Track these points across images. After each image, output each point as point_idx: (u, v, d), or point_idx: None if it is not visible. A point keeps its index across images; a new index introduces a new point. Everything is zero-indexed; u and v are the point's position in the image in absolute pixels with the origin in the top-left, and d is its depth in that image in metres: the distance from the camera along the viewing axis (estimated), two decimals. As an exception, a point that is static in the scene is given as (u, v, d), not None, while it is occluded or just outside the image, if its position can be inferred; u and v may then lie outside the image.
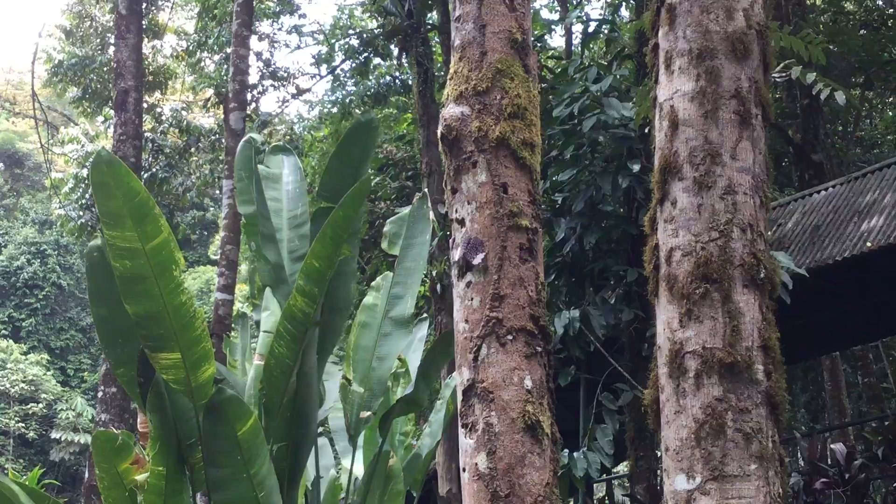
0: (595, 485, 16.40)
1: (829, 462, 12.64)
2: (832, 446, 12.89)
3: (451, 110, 4.84)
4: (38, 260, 58.75)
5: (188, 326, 6.03)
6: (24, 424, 52.65)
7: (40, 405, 52.98)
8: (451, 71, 4.96)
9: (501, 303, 4.62)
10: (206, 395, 6.20)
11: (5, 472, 35.32)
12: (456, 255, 4.76)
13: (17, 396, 52.63)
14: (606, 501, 16.48)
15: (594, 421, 11.06)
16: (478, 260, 4.65)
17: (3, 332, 56.93)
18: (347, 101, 24.30)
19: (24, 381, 52.66)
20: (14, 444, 52.88)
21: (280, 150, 8.26)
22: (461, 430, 4.59)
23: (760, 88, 4.64)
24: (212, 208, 51.18)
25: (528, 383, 4.56)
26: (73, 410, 51.81)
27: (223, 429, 6.17)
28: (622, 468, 21.43)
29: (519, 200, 4.76)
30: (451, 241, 4.86)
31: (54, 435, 52.27)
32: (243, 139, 8.04)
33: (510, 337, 4.61)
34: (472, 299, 4.70)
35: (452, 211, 4.85)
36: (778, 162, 22.75)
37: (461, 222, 4.80)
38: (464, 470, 4.55)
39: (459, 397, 4.63)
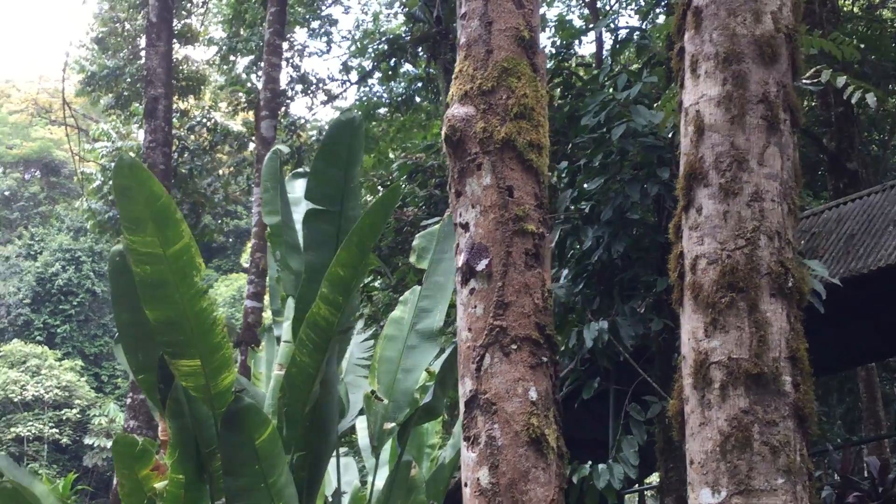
0: (626, 496, 16.29)
1: (864, 475, 12.47)
2: (866, 459, 12.73)
3: (455, 110, 4.70)
4: (73, 266, 59.24)
5: (208, 333, 6.00)
6: (57, 430, 53.02)
7: (74, 411, 53.34)
8: (457, 70, 4.83)
9: (506, 311, 4.47)
10: (226, 402, 6.17)
11: (39, 476, 35.46)
12: (460, 260, 4.63)
13: (51, 402, 53.02)
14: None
15: (622, 432, 10.94)
16: (482, 266, 4.51)
17: (38, 338, 57.40)
18: (373, 103, 24.33)
19: (58, 387, 53.05)
20: (48, 450, 53.26)
21: (300, 175, 8.28)
22: (463, 444, 4.44)
23: (789, 93, 4.54)
24: (245, 216, 51.46)
25: (533, 395, 4.41)
26: (106, 416, 52.08)
27: (241, 437, 6.13)
28: (655, 479, 21.26)
29: (525, 204, 4.62)
30: (455, 246, 4.74)
31: (87, 441, 52.60)
32: (270, 150, 8.05)
33: (514, 346, 4.45)
34: (475, 307, 4.55)
35: (456, 215, 4.72)
36: (813, 170, 22.53)
37: (465, 227, 4.66)
38: (465, 485, 4.41)
39: (462, 409, 4.49)
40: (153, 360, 6.47)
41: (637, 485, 16.75)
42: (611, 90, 12.18)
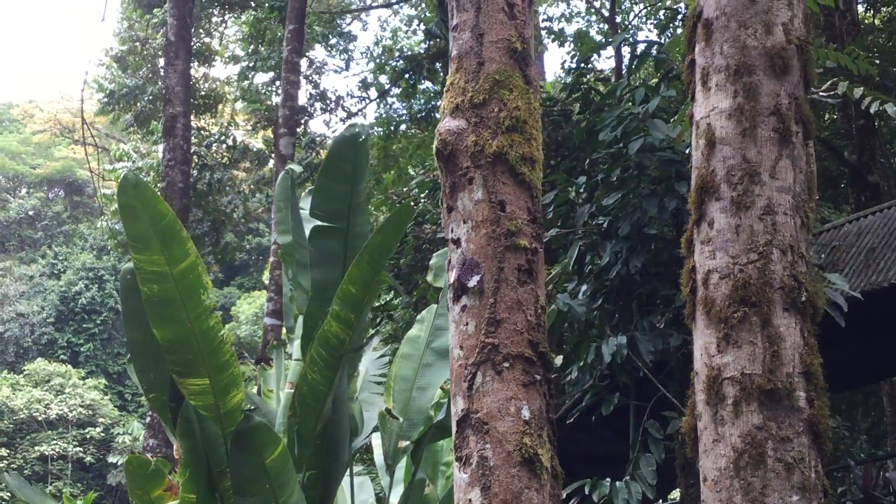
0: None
1: (890, 490, 12.32)
2: (888, 475, 12.58)
3: (446, 124, 4.60)
4: (96, 285, 59.58)
5: (216, 352, 5.98)
6: (81, 449, 53.26)
7: (98, 429, 53.55)
8: (448, 83, 4.73)
9: (498, 328, 4.34)
10: (235, 421, 6.15)
11: (60, 494, 35.57)
12: (451, 277, 4.51)
13: (75, 421, 53.25)
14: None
15: (639, 449, 10.84)
16: (473, 282, 4.39)
17: (62, 356, 57.72)
18: (393, 120, 24.35)
19: (82, 406, 53.31)
20: (72, 469, 53.47)
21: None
22: (455, 464, 4.33)
23: (801, 105, 4.49)
24: (267, 234, 51.59)
25: (526, 414, 4.28)
26: (130, 435, 52.23)
27: (250, 457, 6.09)
28: (677, 495, 21.09)
29: (517, 219, 4.49)
30: (447, 262, 4.62)
31: (111, 459, 52.77)
32: (283, 170, 8.04)
33: (507, 364, 4.32)
34: (467, 324, 4.43)
35: (448, 231, 4.61)
36: (835, 183, 22.41)
37: (457, 242, 4.53)
38: None
39: (454, 428, 4.38)
40: (164, 379, 6.45)
41: (660, 501, 16.62)
42: (628, 105, 12.12)
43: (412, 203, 17.28)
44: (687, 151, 10.91)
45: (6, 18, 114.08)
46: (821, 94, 8.67)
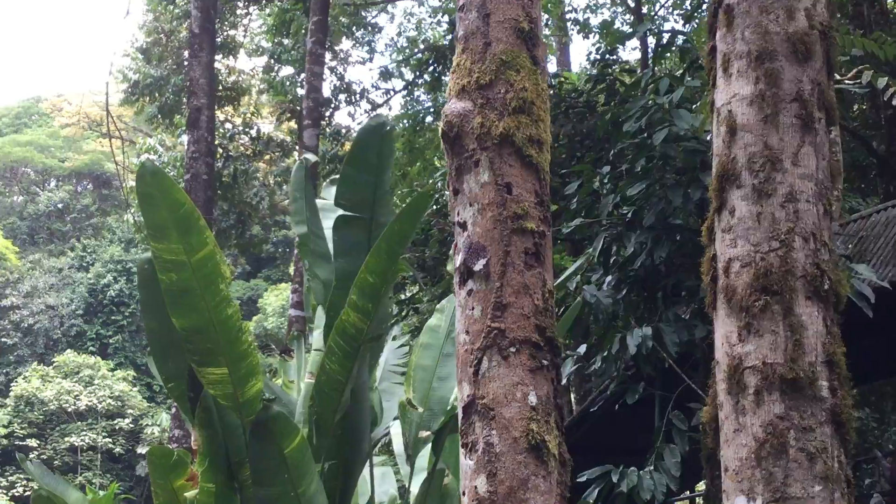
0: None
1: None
2: (916, 467, 12.49)
3: (452, 106, 4.49)
4: (124, 278, 59.92)
5: (235, 341, 5.95)
6: (111, 440, 53.62)
7: (127, 420, 53.91)
8: (454, 64, 4.59)
9: (504, 312, 4.23)
10: (254, 411, 6.13)
11: (88, 486, 35.81)
12: (457, 261, 4.42)
13: (104, 412, 53.62)
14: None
15: (664, 440, 10.78)
16: (479, 266, 4.29)
17: (91, 348, 58.11)
18: (418, 113, 24.34)
19: (111, 397, 53.68)
20: (101, 459, 53.84)
21: (334, 182, 8.26)
22: (461, 451, 4.20)
23: (824, 91, 4.42)
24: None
25: (533, 399, 4.17)
26: (159, 426, 52.52)
27: (269, 446, 6.07)
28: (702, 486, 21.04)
29: (524, 202, 4.36)
30: (453, 245, 4.54)
31: (140, 450, 53.02)
32: (297, 161, 8.02)
33: (513, 349, 4.20)
34: (473, 308, 4.32)
35: (454, 214, 4.52)
36: (864, 173, 22.26)
37: (463, 226, 4.44)
38: (463, 493, 4.21)
39: (460, 414, 4.30)
40: (182, 369, 6.44)
41: (687, 492, 16.58)
42: (653, 95, 12.06)
43: (434, 194, 17.28)
44: (708, 137, 10.85)
45: (34, 13, 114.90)
46: (846, 81, 8.60)
